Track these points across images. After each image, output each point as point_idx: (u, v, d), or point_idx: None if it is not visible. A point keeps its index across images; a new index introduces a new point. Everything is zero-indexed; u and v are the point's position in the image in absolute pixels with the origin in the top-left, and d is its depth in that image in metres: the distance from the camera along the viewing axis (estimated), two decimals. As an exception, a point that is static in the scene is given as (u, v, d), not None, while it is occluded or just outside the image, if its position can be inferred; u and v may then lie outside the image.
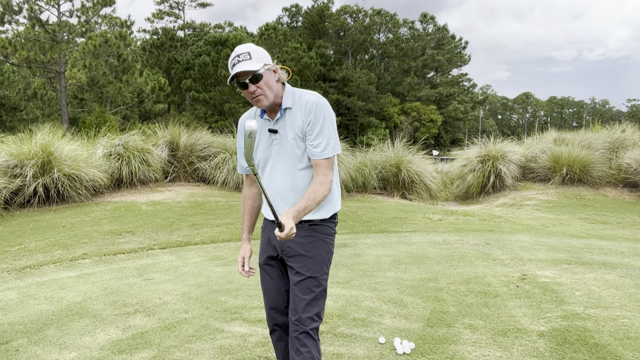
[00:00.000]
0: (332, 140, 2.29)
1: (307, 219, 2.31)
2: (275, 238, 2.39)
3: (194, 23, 58.53)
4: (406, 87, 64.98)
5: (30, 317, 4.04)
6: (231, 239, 7.19)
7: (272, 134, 2.33)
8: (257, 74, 2.22)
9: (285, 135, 2.31)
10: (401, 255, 5.91)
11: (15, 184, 9.31)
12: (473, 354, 3.23)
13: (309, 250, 2.32)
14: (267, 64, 2.26)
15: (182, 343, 3.48)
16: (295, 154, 2.30)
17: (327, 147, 2.27)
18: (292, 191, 2.32)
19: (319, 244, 2.34)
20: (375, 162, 13.33)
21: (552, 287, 4.53)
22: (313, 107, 2.27)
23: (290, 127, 2.30)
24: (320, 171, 2.28)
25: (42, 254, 6.41)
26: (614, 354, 3.17)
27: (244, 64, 2.22)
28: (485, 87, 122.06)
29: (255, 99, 2.26)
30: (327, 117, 2.29)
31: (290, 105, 2.32)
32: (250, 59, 2.23)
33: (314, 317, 2.28)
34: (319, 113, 2.28)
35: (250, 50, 2.25)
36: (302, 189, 2.31)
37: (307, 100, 2.30)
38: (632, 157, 12.89)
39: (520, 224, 8.82)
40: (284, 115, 2.32)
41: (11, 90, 30.37)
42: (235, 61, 2.25)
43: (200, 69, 42.51)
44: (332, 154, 2.29)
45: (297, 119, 2.30)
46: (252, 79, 2.22)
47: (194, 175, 12.40)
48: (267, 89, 2.25)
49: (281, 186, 2.33)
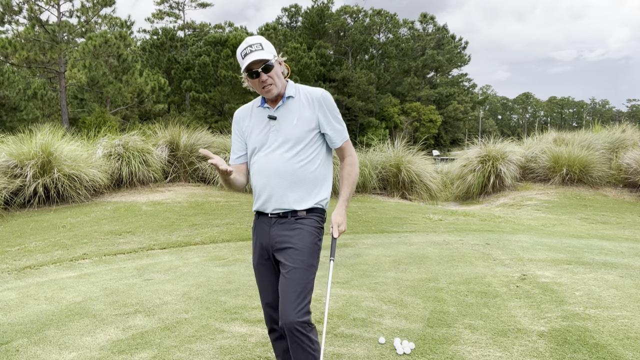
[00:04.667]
0: (344, 125, 2.53)
1: (292, 209, 2.40)
2: (265, 238, 2.46)
3: (194, 23, 58.50)
4: (406, 87, 64.95)
5: (30, 317, 4.04)
6: (231, 239, 7.19)
7: (271, 120, 2.44)
8: (269, 63, 2.33)
9: (287, 120, 2.41)
10: (401, 256, 5.91)
11: (15, 184, 9.31)
12: (473, 354, 3.23)
13: (295, 243, 2.36)
14: (276, 56, 2.38)
15: (182, 343, 3.48)
16: (291, 138, 2.39)
17: (343, 131, 2.51)
18: (280, 173, 2.39)
19: (304, 235, 2.38)
20: (375, 162, 13.32)
21: (552, 287, 4.53)
22: (323, 98, 2.44)
23: (294, 114, 2.42)
24: (346, 153, 2.52)
25: (42, 254, 6.40)
26: (614, 354, 3.17)
27: (257, 53, 2.32)
28: (485, 87, 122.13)
29: (266, 88, 2.37)
30: (335, 106, 2.50)
31: (293, 94, 2.45)
32: (262, 49, 2.34)
33: (303, 312, 2.29)
34: (330, 104, 2.46)
35: (261, 41, 2.36)
36: (290, 170, 2.38)
37: (314, 92, 2.46)
38: (632, 157, 12.89)
39: (520, 224, 8.82)
40: (285, 104, 2.44)
41: (11, 90, 30.34)
42: (247, 51, 2.33)
43: (200, 69, 42.49)
44: (348, 136, 2.53)
45: (304, 109, 2.43)
46: (264, 68, 2.33)
47: (194, 176, 12.40)
48: (277, 78, 2.38)
49: (277, 166, 2.40)
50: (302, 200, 2.41)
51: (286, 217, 2.40)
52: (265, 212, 2.46)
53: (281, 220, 2.42)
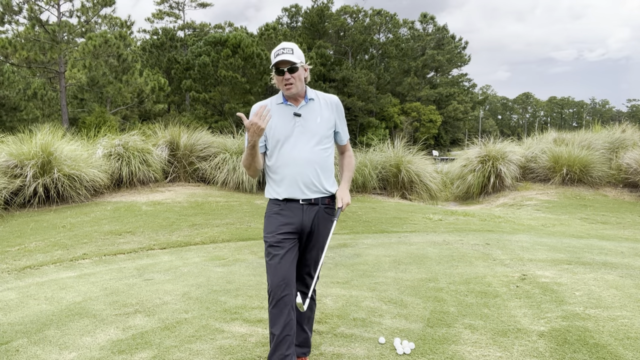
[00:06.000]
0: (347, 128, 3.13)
1: (322, 192, 2.89)
2: (296, 220, 2.84)
3: (194, 23, 58.54)
4: (406, 87, 64.93)
5: (30, 317, 4.04)
6: (231, 239, 7.19)
7: (296, 117, 2.86)
8: (294, 66, 2.77)
9: (311, 119, 2.87)
10: (401, 256, 5.91)
11: (15, 184, 9.31)
12: (473, 354, 3.23)
13: (322, 230, 2.90)
14: (303, 63, 2.82)
15: (182, 343, 3.48)
16: (318, 134, 2.86)
17: (347, 133, 3.09)
18: (311, 162, 2.84)
19: (329, 225, 2.92)
20: (375, 162, 13.32)
21: (552, 287, 4.53)
22: (338, 105, 2.99)
23: (316, 114, 2.89)
24: (347, 148, 3.12)
25: (42, 254, 6.40)
26: (614, 354, 3.17)
27: (287, 56, 2.77)
28: (486, 87, 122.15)
29: (287, 86, 2.80)
30: (344, 112, 3.07)
31: (314, 97, 2.92)
32: (293, 53, 2.78)
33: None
34: (342, 109, 3.03)
35: (293, 47, 2.82)
36: (318, 160, 2.85)
37: (331, 98, 2.99)
38: (632, 157, 12.89)
39: (520, 224, 8.82)
40: (307, 104, 2.89)
41: (11, 90, 30.33)
42: (280, 52, 2.79)
43: (200, 69, 42.48)
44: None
45: (324, 110, 2.92)
46: (289, 69, 2.77)
47: (194, 176, 12.40)
48: (298, 80, 2.81)
49: (301, 158, 2.83)
50: (331, 184, 2.93)
51: (317, 204, 2.87)
52: (296, 199, 2.85)
53: (312, 208, 2.86)
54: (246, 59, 41.08)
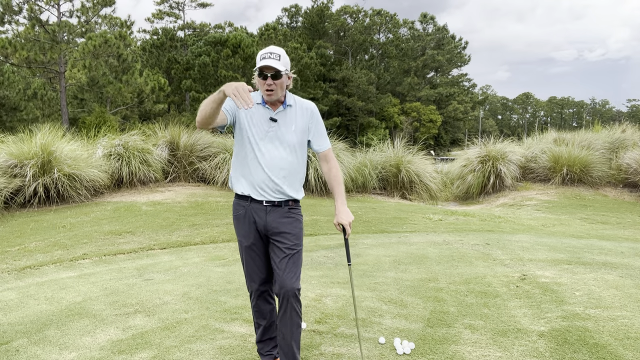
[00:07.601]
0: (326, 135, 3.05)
1: (285, 199, 2.83)
2: (260, 220, 2.83)
3: (194, 23, 58.48)
4: (406, 87, 64.93)
5: (30, 317, 4.04)
6: (231, 239, 7.19)
7: (272, 122, 2.81)
8: (279, 73, 2.71)
9: (286, 125, 2.82)
10: (401, 256, 5.91)
11: (15, 184, 9.31)
12: (473, 354, 3.23)
13: (292, 229, 2.83)
14: (287, 71, 2.78)
15: (182, 343, 3.48)
16: (291, 142, 2.82)
17: (327, 140, 2.99)
18: (286, 169, 2.81)
19: (296, 223, 2.87)
20: (375, 162, 13.32)
21: (552, 287, 4.53)
22: (314, 112, 2.93)
23: (291, 121, 2.84)
24: (331, 158, 2.97)
25: (42, 254, 6.40)
26: (614, 354, 3.17)
27: (273, 62, 2.70)
28: (486, 87, 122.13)
29: (268, 92, 2.74)
30: (321, 119, 3.02)
31: (292, 104, 2.87)
32: (279, 60, 2.72)
33: (299, 281, 2.81)
34: (317, 116, 2.96)
35: (281, 53, 2.76)
36: (288, 165, 2.81)
37: (307, 105, 2.92)
38: (632, 157, 12.90)
39: (520, 224, 8.82)
40: (285, 110, 2.84)
41: (11, 90, 30.33)
42: (266, 56, 2.73)
43: (200, 69, 42.51)
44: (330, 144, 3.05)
45: (299, 117, 2.86)
46: (273, 75, 2.71)
47: (194, 176, 12.40)
48: (279, 88, 2.75)
49: (277, 164, 2.80)
50: (296, 192, 2.88)
51: (280, 205, 2.83)
52: (259, 200, 2.82)
53: (275, 209, 2.83)
54: (246, 59, 41.11)
